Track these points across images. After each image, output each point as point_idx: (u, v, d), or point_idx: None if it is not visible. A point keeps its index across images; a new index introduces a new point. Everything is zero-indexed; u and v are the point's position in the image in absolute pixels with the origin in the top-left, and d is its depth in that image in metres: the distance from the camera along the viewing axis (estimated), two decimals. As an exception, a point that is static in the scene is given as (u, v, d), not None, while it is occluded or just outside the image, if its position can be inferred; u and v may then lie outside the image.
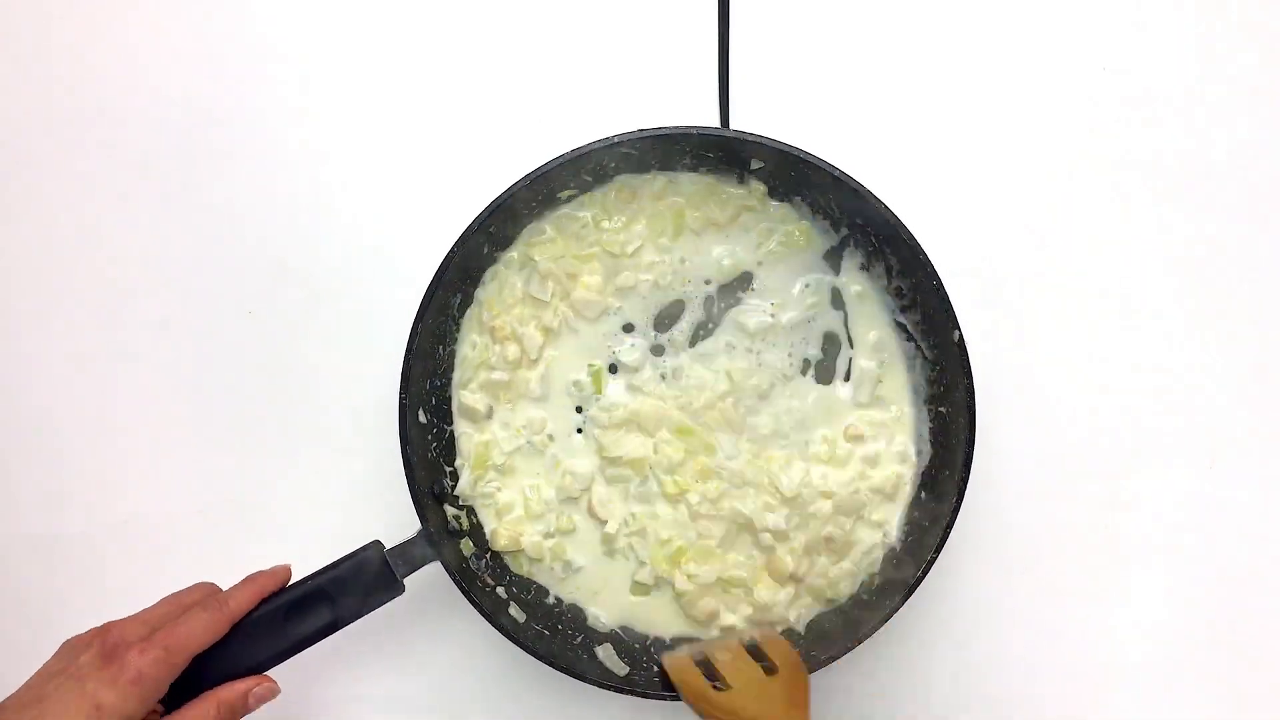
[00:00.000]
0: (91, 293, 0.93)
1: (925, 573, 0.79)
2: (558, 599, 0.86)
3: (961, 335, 0.80)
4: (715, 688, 0.81)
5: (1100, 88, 0.94)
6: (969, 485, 0.80)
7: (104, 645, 0.68)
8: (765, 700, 0.80)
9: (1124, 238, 0.93)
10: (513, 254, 0.87)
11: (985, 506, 0.88)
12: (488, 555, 0.86)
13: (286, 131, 0.94)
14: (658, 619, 0.86)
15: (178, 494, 0.92)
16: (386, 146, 0.94)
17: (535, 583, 0.86)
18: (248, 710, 0.73)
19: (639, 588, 0.86)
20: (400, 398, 0.80)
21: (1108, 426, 0.91)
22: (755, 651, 0.83)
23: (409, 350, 0.81)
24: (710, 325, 0.88)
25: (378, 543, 0.79)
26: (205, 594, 0.75)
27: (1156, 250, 0.93)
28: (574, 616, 0.86)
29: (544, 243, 0.87)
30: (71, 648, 0.71)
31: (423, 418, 0.84)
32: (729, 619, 0.86)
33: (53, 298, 0.93)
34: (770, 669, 0.81)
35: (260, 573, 0.77)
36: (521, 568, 0.86)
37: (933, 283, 0.80)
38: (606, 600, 0.87)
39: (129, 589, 0.86)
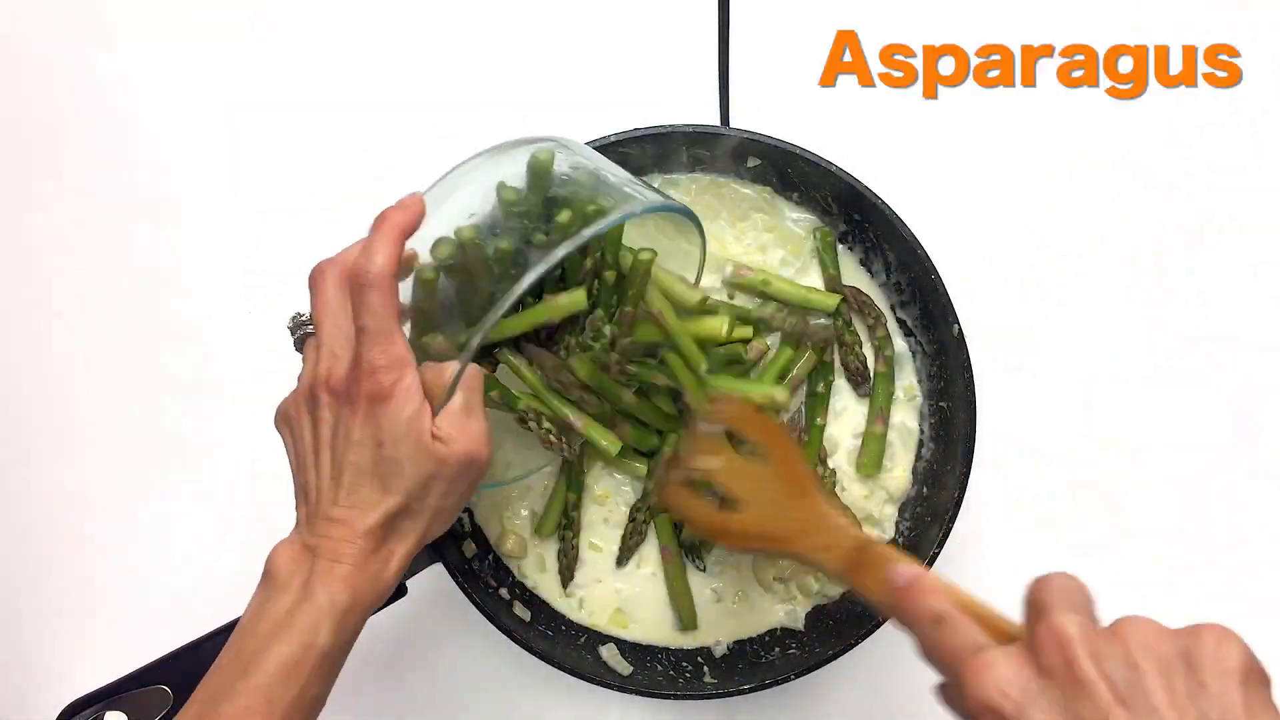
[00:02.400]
0: (90, 293, 0.94)
1: (928, 568, 0.79)
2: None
3: (960, 329, 0.79)
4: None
5: (1099, 88, 0.94)
6: (969, 483, 0.79)
7: (331, 393, 0.60)
8: (777, 503, 0.68)
9: (1124, 237, 0.93)
10: None
11: (985, 505, 0.88)
12: (490, 556, 0.85)
13: (285, 133, 0.95)
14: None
15: (176, 495, 0.92)
16: (386, 146, 0.95)
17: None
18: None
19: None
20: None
21: (1108, 426, 0.91)
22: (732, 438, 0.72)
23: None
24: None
25: (379, 545, 0.79)
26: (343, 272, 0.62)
27: (1156, 250, 0.93)
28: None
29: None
30: (298, 425, 0.64)
31: (423, 419, 0.84)
32: None
33: (52, 299, 0.94)
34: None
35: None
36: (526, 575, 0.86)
37: (931, 276, 0.80)
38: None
39: (128, 590, 0.87)
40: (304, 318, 0.67)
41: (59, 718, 0.72)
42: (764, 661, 0.83)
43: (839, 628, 0.82)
